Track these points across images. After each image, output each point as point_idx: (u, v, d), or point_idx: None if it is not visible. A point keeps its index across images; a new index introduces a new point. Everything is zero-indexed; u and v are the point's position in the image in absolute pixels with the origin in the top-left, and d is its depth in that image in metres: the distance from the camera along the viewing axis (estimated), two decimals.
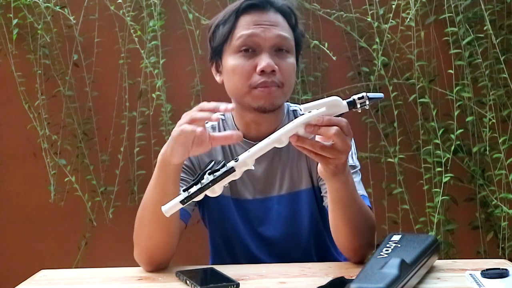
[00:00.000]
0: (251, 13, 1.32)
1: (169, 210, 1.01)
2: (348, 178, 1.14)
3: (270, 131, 1.37)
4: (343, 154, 1.04)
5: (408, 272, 1.01)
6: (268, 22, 1.31)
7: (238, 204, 1.39)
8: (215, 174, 0.99)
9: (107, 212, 2.21)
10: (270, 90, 1.29)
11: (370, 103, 1.01)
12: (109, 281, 1.18)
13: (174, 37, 2.22)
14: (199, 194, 1.00)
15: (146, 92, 2.21)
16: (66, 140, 2.24)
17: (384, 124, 2.18)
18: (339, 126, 1.01)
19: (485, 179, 2.13)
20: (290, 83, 1.33)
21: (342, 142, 1.02)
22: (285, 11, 1.35)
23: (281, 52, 1.31)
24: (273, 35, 1.30)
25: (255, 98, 1.30)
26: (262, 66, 1.27)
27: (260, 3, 1.32)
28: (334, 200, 1.17)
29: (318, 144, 1.03)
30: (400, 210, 2.13)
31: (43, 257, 2.27)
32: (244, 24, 1.31)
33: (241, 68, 1.30)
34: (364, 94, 1.01)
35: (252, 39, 1.30)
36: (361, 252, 1.24)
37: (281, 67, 1.30)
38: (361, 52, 2.21)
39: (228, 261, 1.41)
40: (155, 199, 1.18)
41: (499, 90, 2.07)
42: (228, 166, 1.00)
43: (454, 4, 2.07)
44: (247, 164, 1.01)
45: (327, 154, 1.03)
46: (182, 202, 1.00)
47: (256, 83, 1.28)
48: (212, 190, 1.00)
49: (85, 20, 2.23)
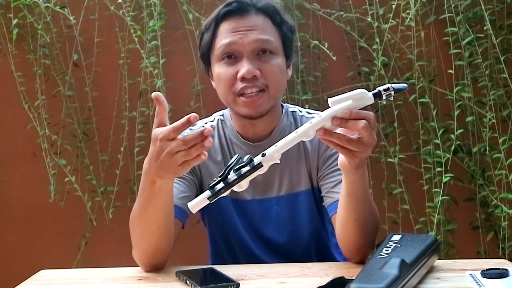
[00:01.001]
0: (230, 19, 1.32)
1: (195, 207, 1.03)
2: (365, 171, 1.14)
3: (267, 132, 1.38)
4: (369, 148, 1.04)
5: (408, 272, 1.01)
6: (246, 27, 1.31)
7: (237, 205, 1.39)
8: (242, 170, 1.00)
9: (107, 212, 2.21)
10: (252, 100, 1.29)
11: (395, 94, 1.01)
12: (109, 281, 1.18)
13: (174, 37, 2.22)
14: (226, 190, 1.00)
15: (146, 92, 2.21)
16: (66, 140, 2.24)
17: (384, 124, 2.18)
18: (367, 120, 1.01)
19: (485, 179, 2.13)
20: (276, 85, 1.33)
21: (369, 136, 1.02)
22: (267, 10, 1.34)
23: (264, 55, 1.31)
24: (251, 40, 1.30)
25: (240, 106, 1.31)
26: (241, 73, 1.28)
27: (237, 8, 1.32)
28: (349, 193, 1.16)
29: (345, 138, 1.02)
30: (400, 210, 2.13)
31: (43, 257, 2.27)
32: (223, 32, 1.32)
33: (224, 76, 1.31)
34: (389, 85, 1.01)
35: (231, 47, 1.30)
36: (363, 252, 1.24)
37: (264, 70, 1.30)
38: (361, 52, 2.21)
39: (228, 261, 1.41)
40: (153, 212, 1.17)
41: (499, 90, 2.07)
42: (256, 161, 1.00)
43: (454, 4, 2.07)
44: (274, 158, 1.01)
45: (353, 147, 1.03)
46: (209, 198, 1.01)
47: (238, 90, 1.29)
48: (239, 186, 1.01)
49: (85, 20, 2.23)
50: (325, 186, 1.34)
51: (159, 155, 1.06)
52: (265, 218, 1.40)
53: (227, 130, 1.42)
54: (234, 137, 1.40)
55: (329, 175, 1.34)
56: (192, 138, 1.02)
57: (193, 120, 1.02)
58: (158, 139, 1.06)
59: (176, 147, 1.03)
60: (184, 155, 1.03)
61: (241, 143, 1.39)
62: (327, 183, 1.34)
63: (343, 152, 1.05)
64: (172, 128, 1.04)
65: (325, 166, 1.36)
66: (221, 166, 1.38)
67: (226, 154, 1.40)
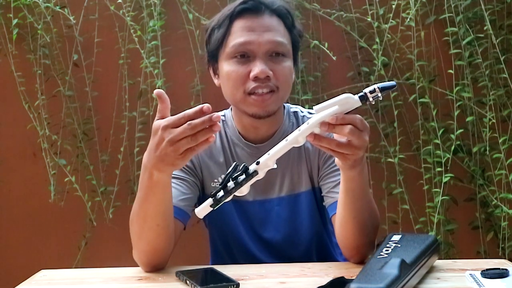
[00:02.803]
0: (245, 17, 1.31)
1: (201, 212, 1.06)
2: (363, 169, 1.14)
3: (269, 134, 1.38)
4: (360, 150, 1.05)
5: (408, 272, 1.01)
6: (262, 27, 1.30)
7: (238, 206, 1.39)
8: (239, 179, 1.02)
9: (107, 212, 2.21)
10: (263, 98, 1.29)
11: (383, 94, 1.01)
12: (109, 281, 1.18)
13: (174, 37, 2.22)
14: (227, 198, 1.03)
15: (146, 92, 2.21)
16: (66, 140, 2.24)
17: (384, 124, 2.18)
18: (353, 124, 1.02)
19: (485, 179, 2.13)
20: (286, 87, 1.33)
21: (358, 139, 1.03)
22: (281, 13, 1.33)
23: (277, 57, 1.31)
24: (267, 41, 1.29)
25: (250, 105, 1.30)
26: (255, 73, 1.27)
27: (253, 7, 1.31)
28: (347, 189, 1.17)
29: (335, 142, 1.03)
30: (400, 210, 2.13)
31: (43, 257, 2.27)
32: (238, 30, 1.30)
33: (236, 74, 1.30)
34: (375, 87, 1.01)
35: (246, 46, 1.29)
36: (363, 251, 1.24)
37: (276, 71, 1.30)
38: (361, 52, 2.21)
39: (228, 262, 1.41)
40: (151, 208, 1.17)
41: (499, 90, 2.07)
42: (251, 169, 1.02)
43: (454, 4, 2.07)
44: (269, 165, 1.03)
45: (344, 150, 1.04)
46: (211, 206, 1.04)
47: (250, 89, 1.28)
48: (240, 191, 1.03)
49: (85, 20, 2.23)
50: (326, 186, 1.34)
51: (159, 145, 1.05)
52: (265, 219, 1.40)
53: (229, 131, 1.41)
54: (236, 138, 1.40)
55: (329, 175, 1.34)
56: (200, 123, 1.01)
57: (206, 110, 1.02)
58: (160, 128, 1.05)
59: (180, 133, 1.02)
60: (190, 141, 1.02)
61: (243, 144, 1.39)
62: (328, 183, 1.34)
63: (335, 155, 1.07)
64: (183, 115, 1.03)
65: (326, 166, 1.36)
66: (223, 168, 1.38)
67: (228, 155, 1.40)
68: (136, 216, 1.20)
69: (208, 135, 1.02)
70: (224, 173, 1.36)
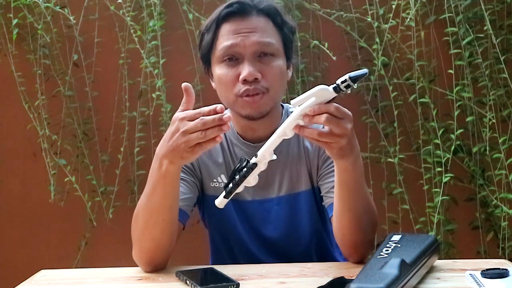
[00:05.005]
0: (231, 21, 1.32)
1: (221, 203, 1.12)
2: (357, 160, 1.15)
3: (267, 134, 1.37)
4: (342, 138, 1.07)
5: (408, 272, 1.01)
6: (248, 28, 1.30)
7: (238, 205, 1.39)
8: (242, 172, 1.08)
9: (107, 212, 2.21)
10: (254, 99, 1.29)
11: (357, 83, 1.04)
12: (109, 281, 1.18)
13: (174, 37, 2.22)
14: (236, 189, 1.09)
15: (146, 92, 2.21)
16: (66, 140, 2.24)
17: (384, 124, 2.18)
18: (328, 112, 1.04)
19: (485, 179, 2.13)
20: (277, 87, 1.33)
21: (338, 127, 1.05)
22: (269, 11, 1.33)
23: (265, 57, 1.31)
24: (253, 42, 1.29)
25: (242, 107, 1.31)
26: (243, 76, 1.28)
27: (239, 10, 1.31)
28: (341, 181, 1.18)
29: (316, 131, 1.07)
30: (400, 210, 2.13)
31: (43, 257, 2.27)
32: (225, 34, 1.32)
33: (225, 78, 1.31)
34: (346, 77, 1.04)
35: (233, 49, 1.30)
36: (361, 250, 1.24)
37: (265, 72, 1.30)
38: (361, 52, 2.21)
39: (228, 262, 1.41)
40: (158, 201, 1.18)
41: (499, 90, 2.07)
42: (251, 162, 1.09)
43: (454, 4, 2.07)
44: (266, 157, 1.08)
45: (326, 139, 1.07)
46: (225, 197, 1.11)
47: (240, 92, 1.29)
48: (247, 182, 1.09)
49: (85, 20, 2.23)
50: (325, 186, 1.34)
51: (174, 134, 1.10)
52: (265, 219, 1.40)
53: (228, 131, 1.42)
54: (235, 138, 1.40)
55: (328, 174, 1.34)
56: (211, 120, 1.06)
57: (219, 110, 1.07)
58: (178, 118, 1.10)
59: (193, 127, 1.07)
60: (200, 136, 1.07)
61: (242, 144, 1.39)
62: (327, 183, 1.34)
63: (320, 144, 1.10)
64: (199, 111, 1.08)
65: (325, 166, 1.36)
66: (222, 168, 1.39)
67: (227, 155, 1.40)
68: (142, 210, 1.21)
69: (217, 133, 1.07)
70: (224, 173, 1.39)
